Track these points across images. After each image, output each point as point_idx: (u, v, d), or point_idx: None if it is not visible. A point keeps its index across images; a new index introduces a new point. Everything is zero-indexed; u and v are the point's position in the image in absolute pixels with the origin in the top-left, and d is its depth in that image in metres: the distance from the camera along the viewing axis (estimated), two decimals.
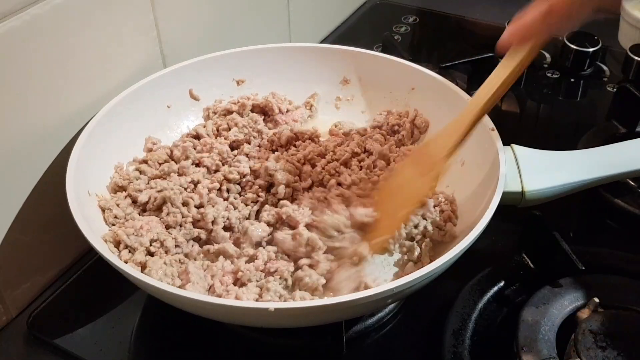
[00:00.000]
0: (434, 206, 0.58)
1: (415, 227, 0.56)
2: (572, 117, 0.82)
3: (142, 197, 0.57)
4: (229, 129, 0.66)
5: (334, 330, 0.52)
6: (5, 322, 0.57)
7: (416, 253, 0.55)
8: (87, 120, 0.59)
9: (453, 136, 0.53)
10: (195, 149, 0.63)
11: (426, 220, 0.57)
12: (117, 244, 0.53)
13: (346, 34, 1.00)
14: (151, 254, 0.53)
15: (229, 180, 0.60)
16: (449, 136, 0.54)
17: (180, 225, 0.56)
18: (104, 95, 0.61)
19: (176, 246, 0.54)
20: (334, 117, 0.72)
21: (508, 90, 0.52)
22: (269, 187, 0.60)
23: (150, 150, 0.63)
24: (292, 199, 0.59)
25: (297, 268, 0.52)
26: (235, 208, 0.58)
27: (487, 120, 0.59)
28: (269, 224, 0.56)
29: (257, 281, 0.51)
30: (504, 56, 0.52)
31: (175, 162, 0.62)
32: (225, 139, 0.65)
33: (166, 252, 0.53)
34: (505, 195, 0.52)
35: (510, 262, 0.59)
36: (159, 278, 0.50)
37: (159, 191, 0.57)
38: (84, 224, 0.49)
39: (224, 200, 0.59)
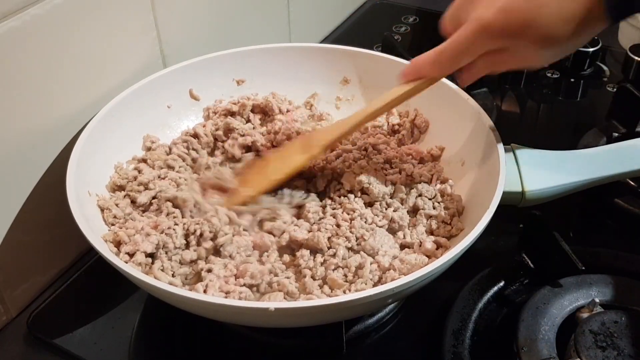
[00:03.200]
0: (439, 202, 0.58)
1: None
2: (572, 117, 0.82)
3: (142, 199, 0.57)
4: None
5: (334, 330, 0.52)
6: (5, 322, 0.57)
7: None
8: (87, 120, 0.59)
9: (333, 134, 0.58)
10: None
11: (431, 218, 0.57)
12: (117, 244, 0.53)
13: (346, 34, 1.00)
14: (151, 255, 0.53)
15: None
16: (330, 131, 0.59)
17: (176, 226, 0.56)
18: (104, 95, 0.61)
19: (176, 247, 0.54)
20: (334, 117, 0.72)
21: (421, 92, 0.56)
22: None
23: (149, 148, 0.63)
24: None
25: None
26: None
27: (487, 120, 0.59)
28: None
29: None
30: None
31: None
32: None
33: (166, 253, 0.53)
34: (505, 195, 0.52)
35: (510, 262, 0.59)
36: (159, 278, 0.50)
37: (158, 192, 0.57)
38: (84, 223, 0.49)
39: None
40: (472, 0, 0.49)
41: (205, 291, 0.49)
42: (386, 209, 0.57)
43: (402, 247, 0.56)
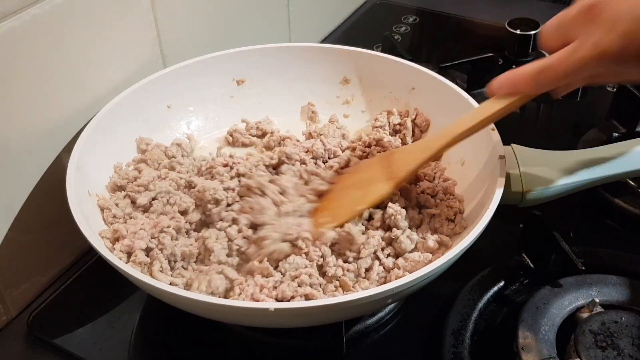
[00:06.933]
0: (441, 200, 0.58)
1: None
2: (572, 117, 0.82)
3: (142, 200, 0.57)
4: None
5: (334, 330, 0.52)
6: (5, 322, 0.57)
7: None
8: (87, 120, 0.59)
9: (419, 157, 0.55)
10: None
11: (434, 216, 0.57)
12: (115, 242, 0.53)
13: (346, 34, 1.00)
14: (151, 256, 0.52)
15: None
16: (416, 154, 0.56)
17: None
18: (104, 95, 0.61)
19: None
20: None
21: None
22: None
23: (144, 151, 0.63)
24: None
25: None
26: None
27: None
28: None
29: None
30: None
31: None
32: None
33: (162, 251, 0.53)
34: (505, 195, 0.52)
35: (510, 262, 0.59)
36: (160, 279, 0.50)
37: (158, 192, 0.57)
38: (84, 223, 0.49)
39: None
40: (587, 16, 0.44)
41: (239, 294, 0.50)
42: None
43: None
